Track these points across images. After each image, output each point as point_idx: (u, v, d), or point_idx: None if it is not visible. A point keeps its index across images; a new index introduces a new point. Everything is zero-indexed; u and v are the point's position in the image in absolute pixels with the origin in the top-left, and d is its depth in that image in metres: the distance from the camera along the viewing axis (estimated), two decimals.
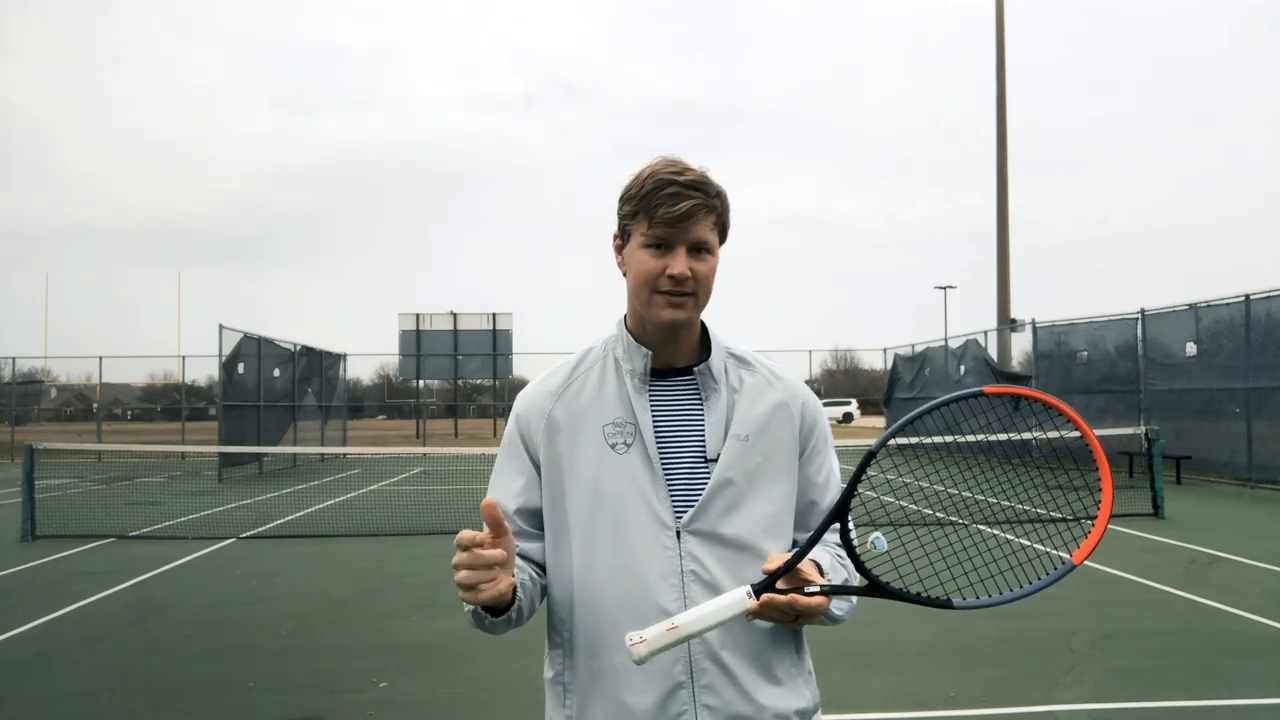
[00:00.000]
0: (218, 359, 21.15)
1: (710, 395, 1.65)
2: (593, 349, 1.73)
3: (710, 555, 1.59)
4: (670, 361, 1.67)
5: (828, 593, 1.50)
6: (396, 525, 12.37)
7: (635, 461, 1.60)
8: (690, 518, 1.59)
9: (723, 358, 1.69)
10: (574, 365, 1.72)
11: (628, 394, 1.64)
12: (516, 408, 1.72)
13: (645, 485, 1.60)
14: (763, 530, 1.62)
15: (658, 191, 1.56)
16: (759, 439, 1.64)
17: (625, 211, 1.63)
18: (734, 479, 1.61)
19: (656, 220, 1.56)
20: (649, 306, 1.61)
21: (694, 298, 1.60)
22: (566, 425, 1.64)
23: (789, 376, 1.75)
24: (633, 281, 1.63)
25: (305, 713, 5.02)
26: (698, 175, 1.60)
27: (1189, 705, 4.91)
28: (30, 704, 5.25)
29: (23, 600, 7.91)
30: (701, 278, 1.60)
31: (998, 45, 27.51)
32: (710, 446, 1.62)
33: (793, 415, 1.69)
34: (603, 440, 1.62)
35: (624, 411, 1.63)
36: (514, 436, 1.70)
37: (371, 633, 6.70)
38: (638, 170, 1.64)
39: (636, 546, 1.58)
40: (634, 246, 1.62)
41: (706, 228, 1.59)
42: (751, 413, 1.66)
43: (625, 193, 1.63)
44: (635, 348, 1.65)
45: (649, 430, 1.61)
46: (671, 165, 1.60)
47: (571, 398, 1.67)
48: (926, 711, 4.87)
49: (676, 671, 1.57)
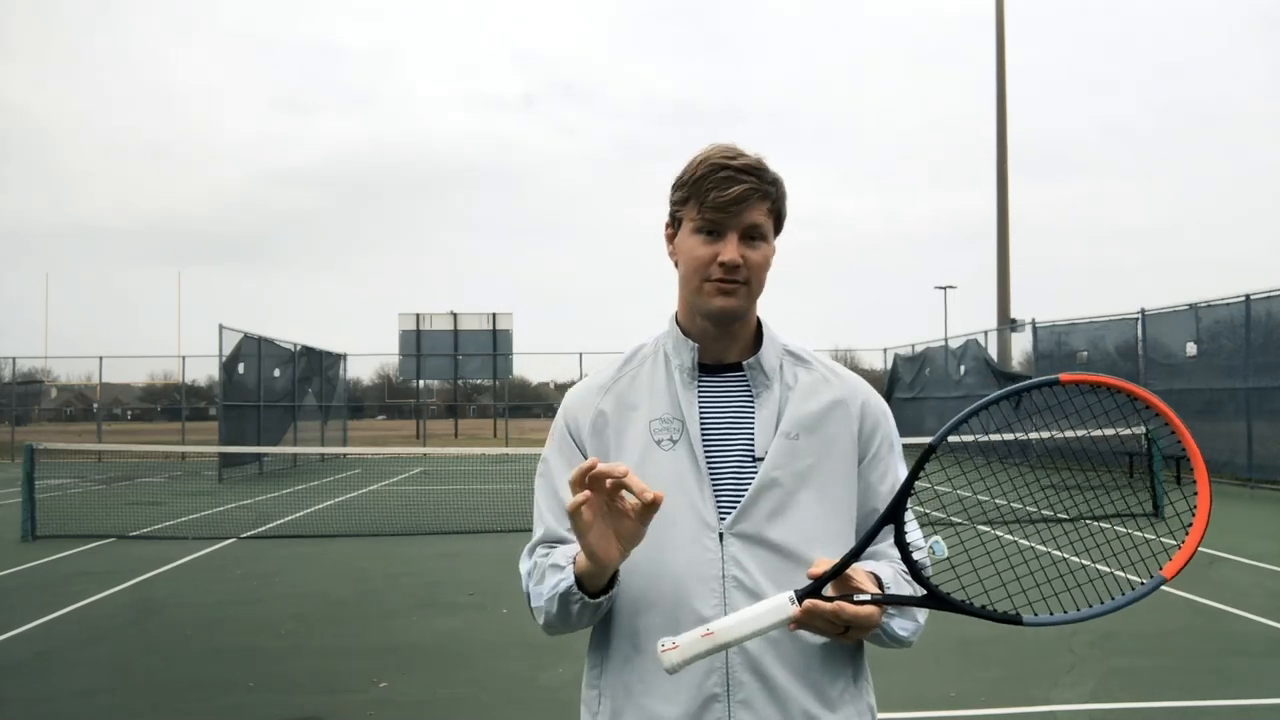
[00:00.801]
0: (218, 359, 21.15)
1: (761, 391, 1.57)
2: (645, 345, 1.67)
3: (754, 560, 1.49)
4: (721, 357, 1.60)
5: (879, 602, 1.36)
6: (396, 525, 12.37)
7: (680, 458, 1.53)
8: (734, 519, 1.50)
9: (778, 354, 1.62)
10: (625, 360, 1.66)
11: (676, 389, 1.57)
12: (565, 402, 1.67)
13: (689, 483, 1.52)
14: (813, 537, 1.51)
15: (710, 176, 1.50)
16: (809, 438, 1.55)
17: (676, 198, 1.57)
18: (780, 480, 1.52)
19: (707, 205, 1.50)
20: (699, 295, 1.54)
21: (746, 286, 1.53)
22: (614, 419, 1.59)
23: (850, 375, 1.66)
24: (683, 269, 1.57)
25: (305, 713, 5.02)
26: (752, 160, 1.53)
27: (1189, 705, 4.91)
28: (30, 704, 5.25)
29: (23, 600, 7.91)
30: (754, 266, 1.53)
31: (998, 45, 27.51)
32: (758, 444, 1.54)
33: (851, 415, 1.59)
34: (648, 436, 1.55)
35: (671, 407, 1.57)
36: (563, 430, 1.64)
37: (371, 633, 6.70)
38: (691, 157, 1.57)
39: (677, 548, 1.49)
40: (685, 233, 1.55)
41: (760, 213, 1.52)
42: (803, 410, 1.57)
43: (677, 179, 1.57)
44: (683, 341, 1.59)
45: (695, 426, 1.54)
46: (725, 150, 1.54)
47: (620, 392, 1.61)
48: (926, 711, 4.87)
49: (711, 683, 1.47)
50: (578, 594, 1.45)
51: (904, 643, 1.52)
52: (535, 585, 1.55)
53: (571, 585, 1.44)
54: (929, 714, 4.85)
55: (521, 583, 1.63)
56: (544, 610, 1.53)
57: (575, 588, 1.44)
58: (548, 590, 1.49)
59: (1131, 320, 19.70)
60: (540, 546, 1.60)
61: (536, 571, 1.56)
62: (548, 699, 5.15)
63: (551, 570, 1.51)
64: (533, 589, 1.57)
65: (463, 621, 6.99)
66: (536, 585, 1.55)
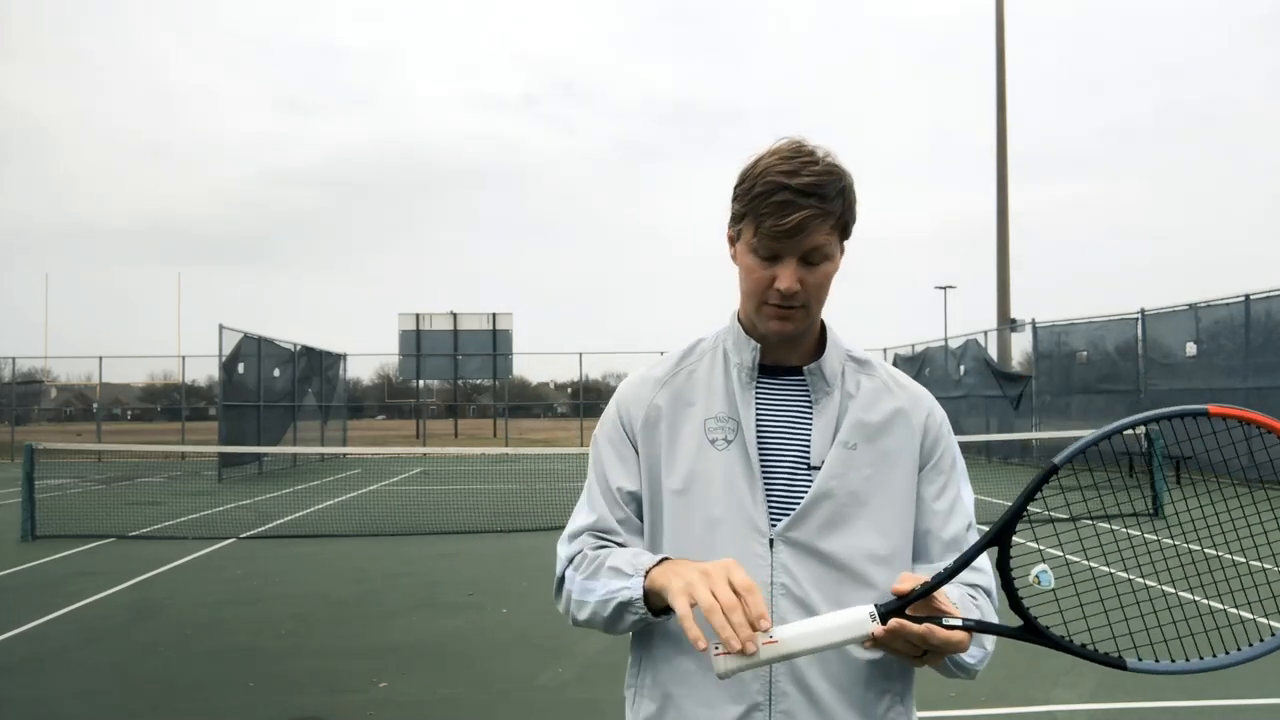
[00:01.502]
0: (218, 359, 21.15)
1: (820, 398, 1.51)
2: (704, 340, 1.62)
3: (805, 571, 1.44)
4: (782, 359, 1.54)
5: (971, 629, 1.26)
6: (396, 525, 12.37)
7: (733, 460, 1.48)
8: (786, 526, 1.45)
9: (840, 359, 1.55)
10: (683, 355, 1.60)
11: (733, 389, 1.52)
12: (619, 394, 1.61)
13: (741, 486, 1.46)
14: (868, 553, 1.45)
15: (767, 197, 1.39)
16: (868, 449, 1.49)
17: (736, 211, 1.48)
18: (836, 490, 1.46)
19: (764, 230, 1.40)
20: (757, 314, 1.49)
21: (804, 309, 1.46)
22: (669, 414, 1.53)
23: (914, 384, 1.59)
24: (742, 284, 1.51)
25: (305, 713, 5.02)
26: (814, 176, 1.38)
27: (1189, 705, 4.91)
28: (30, 704, 5.25)
29: (22, 600, 7.91)
30: (813, 287, 1.44)
31: (998, 45, 27.51)
32: (814, 453, 1.48)
33: (913, 427, 1.52)
34: (703, 434, 1.50)
35: (727, 406, 1.51)
36: (615, 421, 1.57)
37: (371, 633, 6.70)
38: (755, 156, 1.45)
39: (727, 551, 1.41)
40: (743, 248, 1.47)
41: (821, 235, 1.41)
42: (863, 419, 1.50)
43: (736, 185, 1.47)
44: (745, 341, 1.53)
45: (750, 428, 1.48)
46: (786, 161, 1.40)
47: (677, 387, 1.55)
48: (926, 711, 4.87)
49: (754, 690, 1.41)
50: (642, 609, 1.37)
51: (970, 673, 1.43)
52: (585, 578, 1.47)
53: (638, 598, 1.37)
54: (929, 714, 4.85)
55: (558, 566, 1.55)
56: (589, 607, 1.45)
57: (642, 602, 1.37)
58: (602, 591, 1.43)
59: (1131, 320, 19.70)
60: (590, 535, 1.53)
61: (588, 564, 1.48)
62: (548, 699, 5.14)
63: (611, 573, 1.43)
64: (580, 580, 1.48)
65: (463, 621, 6.99)
66: (587, 579, 1.47)
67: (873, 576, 1.44)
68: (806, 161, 1.40)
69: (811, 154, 1.41)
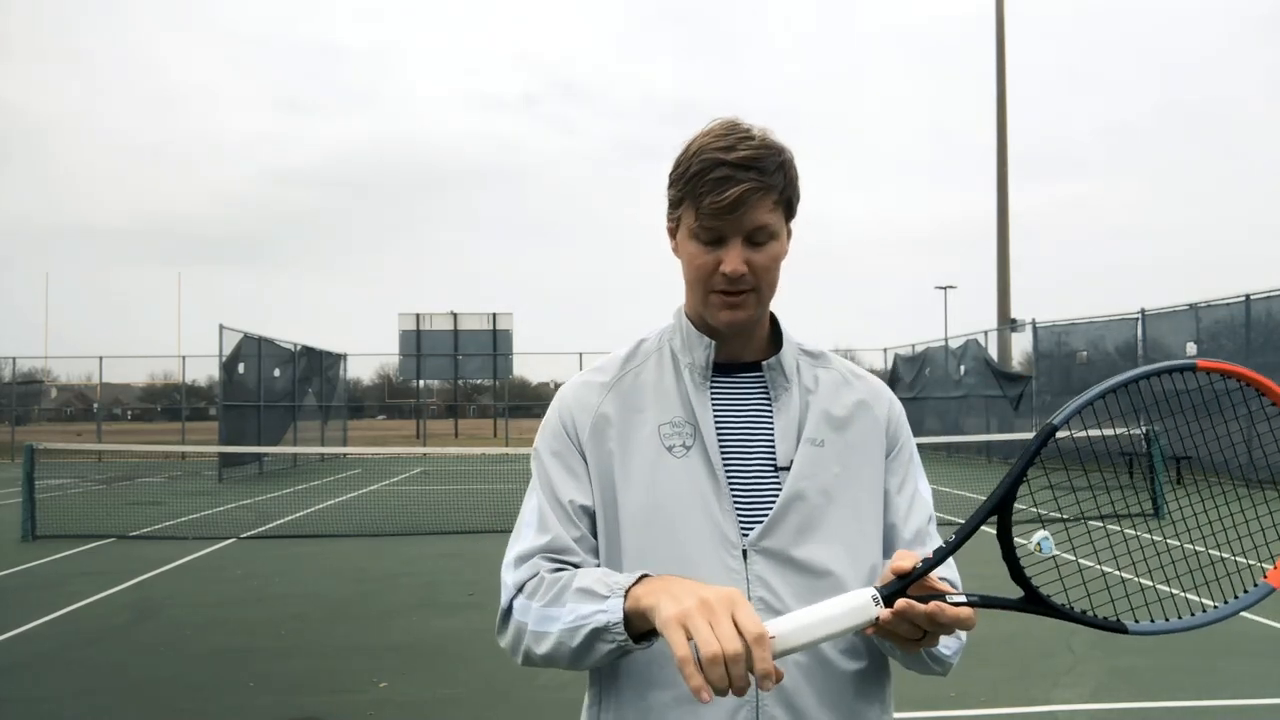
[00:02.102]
0: (218, 359, 21.16)
1: (780, 394, 1.43)
2: (646, 340, 1.51)
3: (782, 580, 1.34)
4: (735, 356, 1.45)
5: (978, 604, 1.19)
6: (396, 525, 12.37)
7: (695, 467, 1.37)
8: (759, 535, 1.35)
9: (794, 354, 1.48)
10: (626, 356, 1.49)
11: (686, 390, 1.42)
12: (560, 400, 1.48)
13: (707, 495, 1.36)
14: (842, 553, 1.38)
15: (703, 176, 1.32)
16: (836, 444, 1.41)
17: (672, 196, 1.41)
18: (808, 491, 1.38)
19: (703, 210, 1.33)
20: (705, 305, 1.40)
21: (755, 293, 1.37)
22: (618, 423, 1.41)
23: (871, 376, 1.52)
24: (686, 274, 1.43)
25: (305, 713, 5.02)
26: (751, 150, 1.32)
27: (1189, 705, 4.91)
28: (30, 704, 5.25)
29: (22, 600, 7.91)
30: (761, 269, 1.36)
31: (998, 45, 27.52)
32: (780, 453, 1.39)
33: (876, 418, 1.46)
34: (658, 441, 1.39)
35: (682, 410, 1.41)
36: (559, 429, 1.44)
37: (371, 633, 6.70)
38: (688, 140, 1.39)
39: (697, 566, 1.31)
40: (684, 235, 1.39)
41: (764, 211, 1.33)
42: (828, 414, 1.43)
43: (672, 170, 1.39)
44: (697, 338, 1.43)
45: (710, 431, 1.39)
46: (721, 138, 1.33)
47: (624, 392, 1.44)
48: (926, 711, 4.87)
49: (740, 717, 1.31)
50: (622, 635, 1.20)
51: (945, 664, 1.36)
52: (545, 605, 1.31)
53: (617, 622, 1.20)
54: (929, 714, 4.85)
55: (503, 595, 1.39)
56: (551, 638, 1.29)
57: (622, 627, 1.20)
58: (569, 618, 1.26)
59: (1131, 320, 19.70)
60: (543, 557, 1.38)
61: (546, 589, 1.32)
62: (548, 699, 5.15)
63: (580, 596, 1.26)
64: (538, 608, 1.32)
65: (463, 621, 6.99)
66: (547, 606, 1.30)
67: (849, 578, 1.36)
68: (742, 137, 1.34)
69: (747, 131, 1.35)
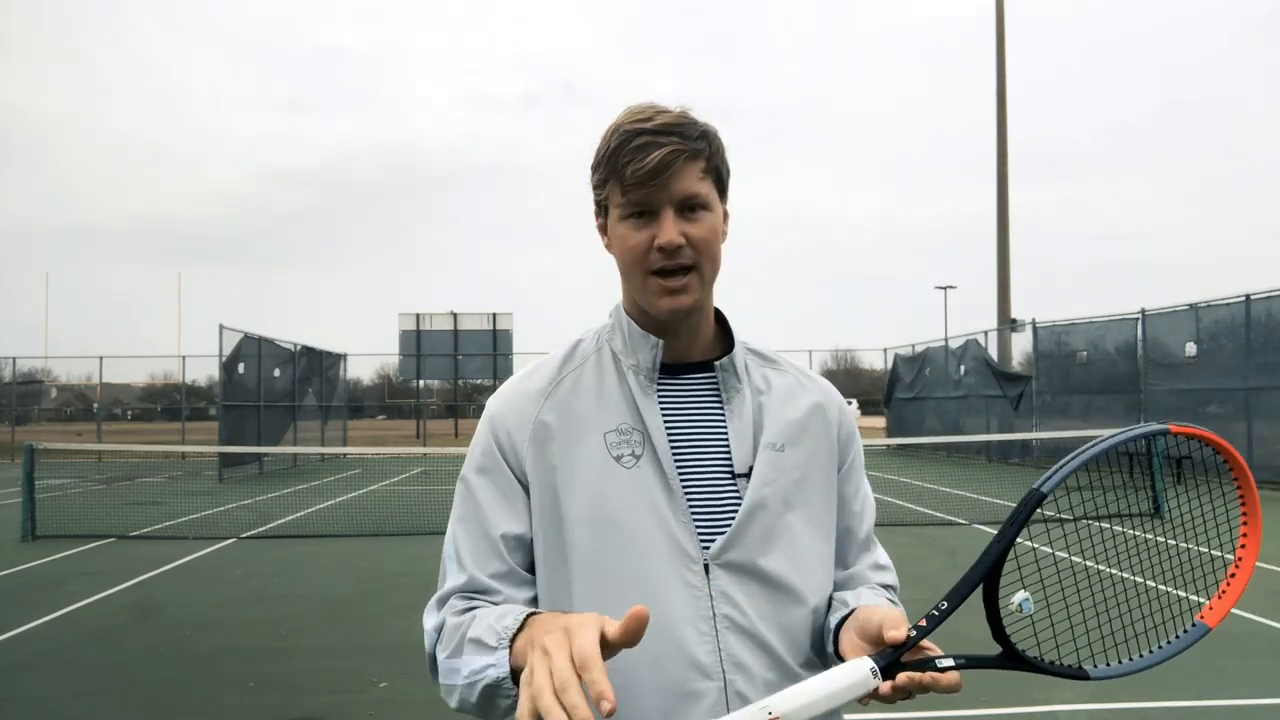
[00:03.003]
0: (218, 359, 21.16)
1: (732, 396, 1.36)
2: (582, 341, 1.42)
3: (745, 595, 1.27)
4: (682, 355, 1.37)
5: (963, 667, 1.17)
6: (396, 525, 12.36)
7: (647, 477, 1.29)
8: (721, 547, 1.28)
9: (743, 352, 1.40)
10: (563, 359, 1.40)
11: (632, 394, 1.33)
12: (490, 413, 1.37)
13: (662, 507, 1.28)
14: (804, 563, 1.32)
15: (624, 147, 1.25)
16: (794, 450, 1.35)
17: (596, 181, 1.33)
18: (769, 499, 1.31)
19: (628, 181, 1.25)
20: (644, 293, 1.31)
21: (696, 272, 1.29)
22: (560, 431, 1.32)
23: (821, 378, 1.46)
24: (620, 263, 1.34)
25: (305, 713, 5.02)
26: (670, 118, 1.27)
27: (1189, 705, 4.91)
28: (30, 704, 5.25)
29: (23, 600, 7.90)
30: (700, 242, 1.28)
31: (998, 46, 27.52)
32: (738, 459, 1.32)
33: (830, 421, 1.41)
34: (605, 451, 1.30)
35: (629, 416, 1.32)
36: (490, 446, 1.34)
37: (371, 633, 6.70)
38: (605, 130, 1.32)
39: (656, 584, 1.25)
40: (614, 220, 1.31)
41: (693, 178, 1.27)
42: (784, 417, 1.36)
43: (594, 159, 1.33)
44: (641, 337, 1.34)
45: (661, 438, 1.30)
46: (637, 113, 1.28)
47: (563, 398, 1.34)
48: (927, 711, 4.87)
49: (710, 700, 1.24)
50: (511, 691, 1.12)
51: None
52: (448, 656, 1.23)
53: (505, 676, 1.12)
54: (929, 714, 4.85)
55: (426, 641, 1.31)
56: (456, 692, 1.21)
57: (510, 681, 1.11)
58: (466, 673, 1.18)
59: (1131, 320, 19.70)
60: (458, 597, 1.29)
61: (448, 636, 1.24)
62: None
63: (473, 647, 1.17)
64: (443, 660, 1.24)
65: None
66: (449, 657, 1.22)
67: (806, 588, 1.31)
68: (660, 110, 1.29)
69: (666, 107, 1.31)
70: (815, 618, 1.34)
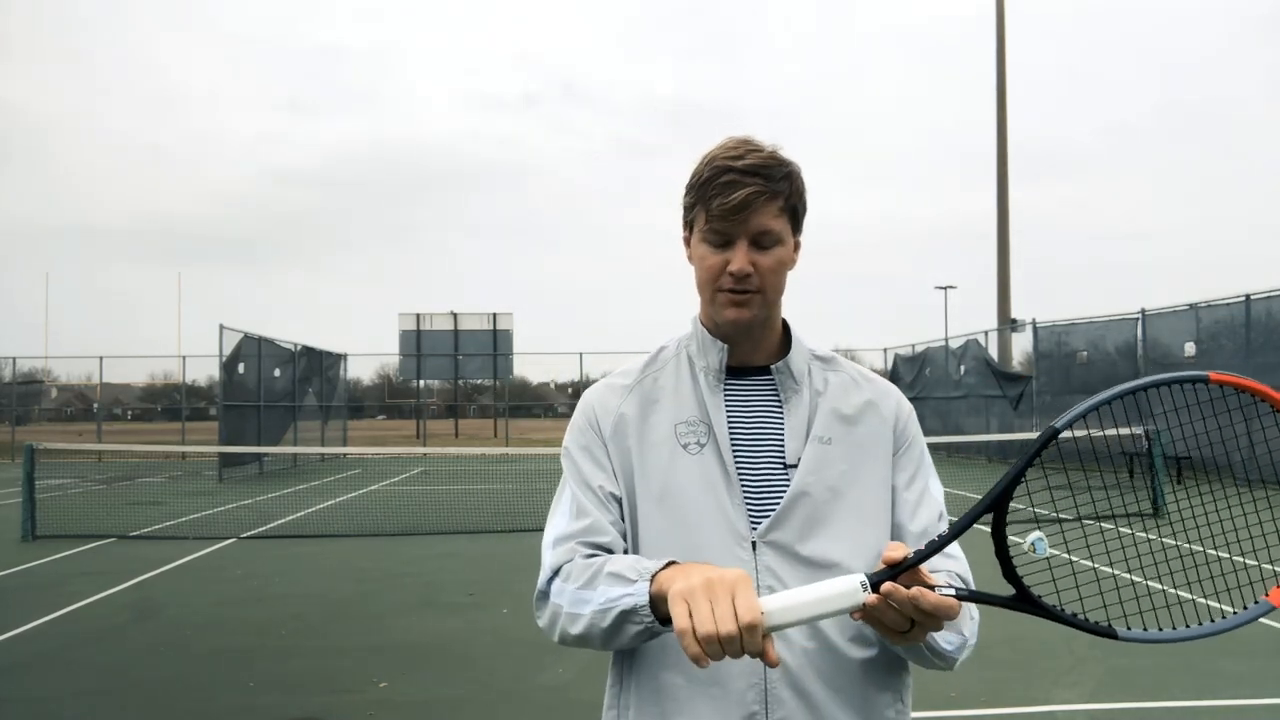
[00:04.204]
0: (218, 359, 21.16)
1: (790, 396, 1.51)
2: (666, 347, 1.61)
3: (789, 572, 1.42)
4: (747, 360, 1.54)
5: (965, 597, 1.23)
6: (396, 525, 12.37)
7: (708, 463, 1.47)
8: (767, 528, 1.43)
9: (805, 358, 1.55)
10: (647, 363, 1.60)
11: (701, 392, 1.51)
12: (585, 402, 1.58)
13: (719, 489, 1.45)
14: (852, 550, 1.44)
15: (713, 181, 1.43)
16: (843, 443, 1.49)
17: (687, 202, 1.51)
18: (814, 487, 1.45)
19: (712, 213, 1.43)
20: (713, 305, 1.49)
21: (760, 295, 1.46)
22: (636, 422, 1.51)
23: (880, 379, 1.60)
24: (697, 277, 1.52)
25: (305, 713, 5.02)
26: (759, 159, 1.43)
27: (1189, 705, 4.91)
28: (30, 704, 5.25)
29: (23, 600, 7.91)
30: (766, 271, 1.45)
31: (998, 45, 27.51)
32: (789, 451, 1.47)
33: (884, 417, 1.53)
34: (674, 440, 1.48)
35: (697, 410, 1.50)
36: (586, 427, 1.54)
37: (371, 633, 6.70)
38: (702, 154, 1.50)
39: (709, 556, 1.38)
40: (696, 240, 1.50)
41: (769, 216, 1.43)
42: (836, 412, 1.51)
43: (688, 182, 1.50)
44: (710, 342, 1.53)
45: (723, 430, 1.48)
46: (732, 149, 1.45)
47: (643, 394, 1.54)
48: (927, 711, 4.87)
49: (750, 699, 1.39)
50: (648, 617, 1.30)
51: (947, 659, 1.39)
52: (579, 588, 1.40)
53: (644, 604, 1.29)
54: (929, 714, 4.85)
55: (541, 575, 1.48)
56: (584, 619, 1.38)
57: (649, 609, 1.29)
58: (600, 600, 1.35)
59: (1131, 320, 19.70)
60: (578, 542, 1.46)
61: (580, 572, 1.41)
62: (548, 699, 5.14)
63: (611, 580, 1.35)
64: (572, 590, 1.41)
65: (463, 621, 6.99)
66: (581, 588, 1.39)
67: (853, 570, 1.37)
68: (751, 149, 1.45)
69: (758, 145, 1.46)
70: None
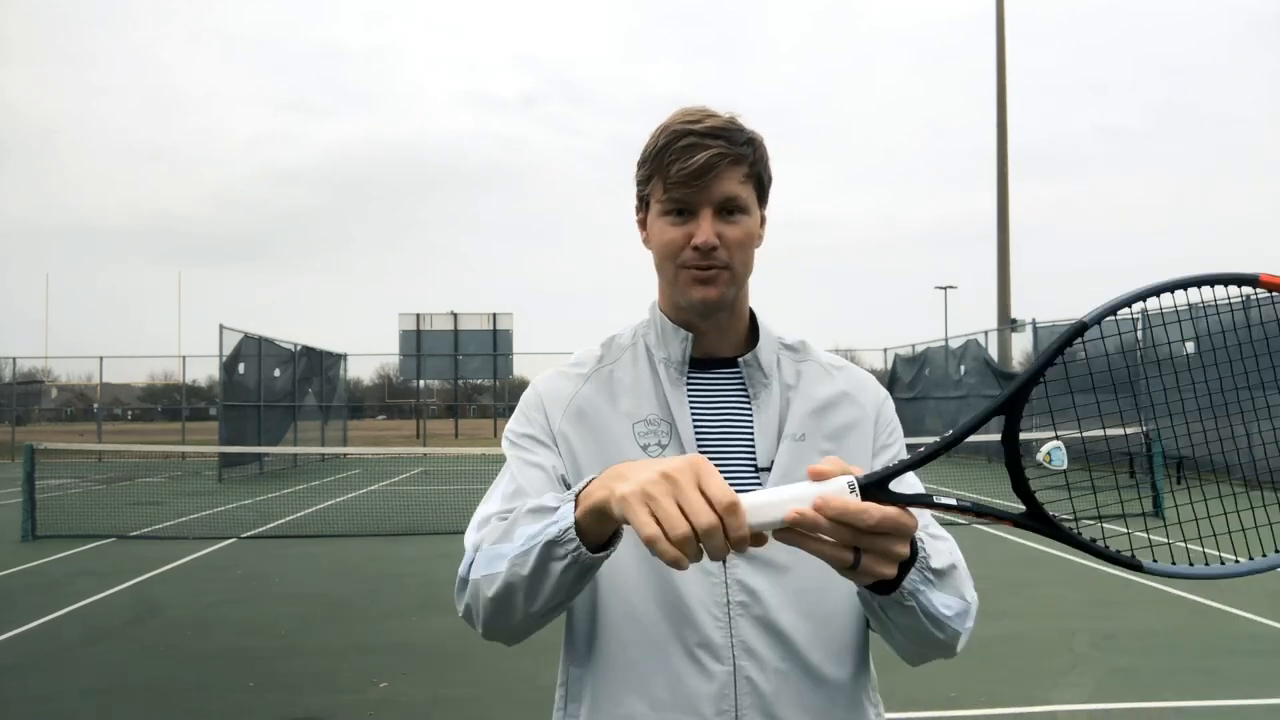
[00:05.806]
0: (218, 359, 21.17)
1: (759, 391, 1.37)
2: (619, 335, 1.46)
3: (764, 584, 1.29)
4: (713, 350, 1.39)
5: (970, 510, 1.03)
6: (396, 525, 12.37)
7: None
8: None
9: (774, 349, 1.41)
10: (600, 354, 1.44)
11: (662, 387, 1.37)
12: (533, 390, 1.43)
13: None
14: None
15: (671, 146, 1.29)
16: (816, 438, 1.35)
17: (640, 176, 1.37)
18: None
19: (671, 179, 1.29)
20: (675, 284, 1.34)
21: (728, 270, 1.32)
22: (592, 417, 1.36)
23: (853, 366, 1.46)
24: (656, 256, 1.37)
25: (305, 713, 5.02)
26: (719, 122, 1.30)
27: (1189, 705, 4.91)
28: (30, 704, 5.25)
29: (23, 600, 7.91)
30: (734, 244, 1.31)
31: (998, 46, 27.51)
32: (760, 452, 1.33)
33: (863, 407, 1.41)
34: (633, 440, 1.34)
35: (658, 408, 1.36)
36: (532, 416, 1.39)
37: (371, 633, 6.70)
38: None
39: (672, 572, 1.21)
40: (654, 215, 1.35)
41: (734, 181, 1.30)
42: (807, 408, 1.37)
43: (641, 155, 1.36)
44: (672, 331, 1.38)
45: (688, 430, 1.34)
46: (687, 114, 1.31)
47: (598, 387, 1.39)
48: (926, 711, 4.87)
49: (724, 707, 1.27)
50: (575, 544, 1.08)
51: (944, 627, 1.19)
52: (492, 544, 1.21)
53: (569, 528, 1.08)
54: (929, 714, 4.85)
55: (462, 563, 1.29)
56: (500, 578, 1.17)
57: (574, 534, 1.08)
58: (519, 544, 1.14)
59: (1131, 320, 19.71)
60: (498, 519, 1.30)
61: (502, 527, 1.22)
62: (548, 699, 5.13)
63: (529, 517, 1.16)
64: (486, 549, 1.22)
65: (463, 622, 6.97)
66: (495, 544, 1.21)
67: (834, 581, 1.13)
68: (709, 115, 1.32)
69: (716, 112, 1.33)
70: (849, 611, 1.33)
